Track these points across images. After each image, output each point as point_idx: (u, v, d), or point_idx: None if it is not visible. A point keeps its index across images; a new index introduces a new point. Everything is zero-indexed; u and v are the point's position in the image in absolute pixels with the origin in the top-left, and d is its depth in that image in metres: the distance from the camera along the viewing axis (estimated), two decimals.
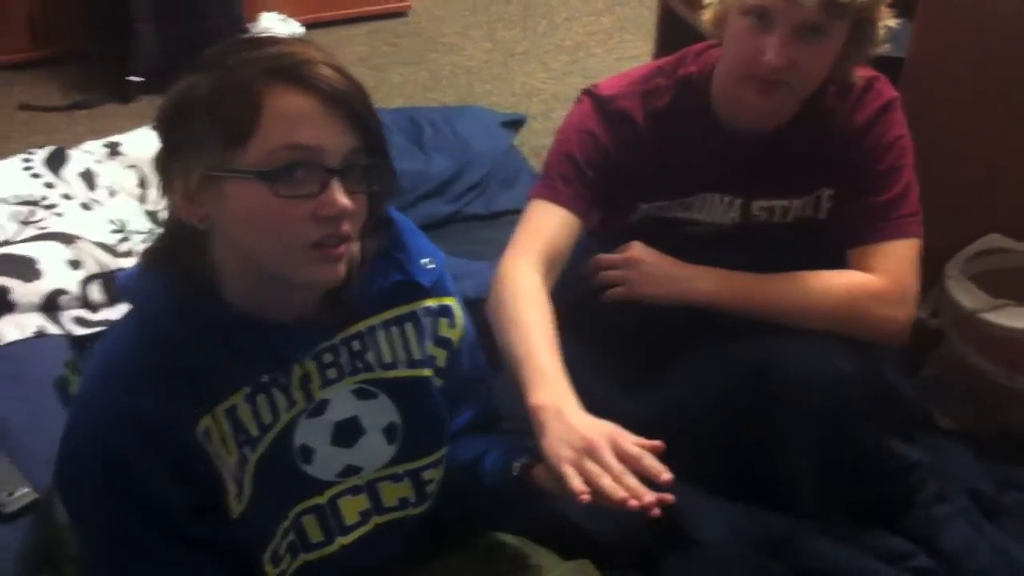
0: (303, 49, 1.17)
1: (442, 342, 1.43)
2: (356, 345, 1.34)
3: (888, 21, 1.63)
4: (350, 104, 1.16)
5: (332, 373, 1.33)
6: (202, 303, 1.21)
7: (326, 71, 1.15)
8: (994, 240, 2.21)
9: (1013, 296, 2.11)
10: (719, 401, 1.69)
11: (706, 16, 1.69)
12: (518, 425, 1.49)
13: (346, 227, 1.18)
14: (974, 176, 2.15)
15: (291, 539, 1.34)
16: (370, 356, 1.36)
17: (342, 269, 1.21)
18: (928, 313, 2.17)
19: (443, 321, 1.43)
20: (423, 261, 1.38)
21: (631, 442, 1.30)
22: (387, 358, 1.37)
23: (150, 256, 1.26)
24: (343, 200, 1.16)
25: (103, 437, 1.20)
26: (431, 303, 1.41)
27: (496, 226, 2.49)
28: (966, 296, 2.11)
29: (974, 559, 1.74)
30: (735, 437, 1.70)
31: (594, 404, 1.39)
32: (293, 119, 1.14)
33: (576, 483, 1.26)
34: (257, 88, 1.13)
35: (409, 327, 1.39)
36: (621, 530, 1.66)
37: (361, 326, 1.34)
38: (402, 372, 1.38)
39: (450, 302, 1.43)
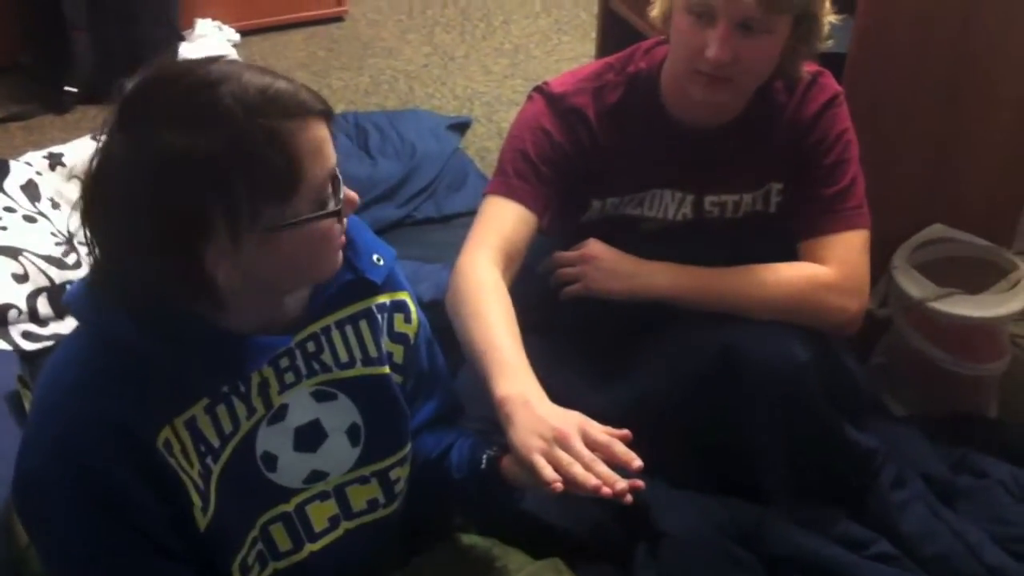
0: (271, 77, 1.15)
1: (398, 337, 1.43)
2: (311, 347, 1.33)
3: (830, 17, 1.66)
4: (327, 107, 1.19)
5: (289, 377, 1.32)
6: (158, 318, 1.18)
7: (303, 91, 1.17)
8: (938, 230, 2.26)
9: (958, 284, 2.15)
10: (686, 388, 1.71)
11: (653, 13, 1.71)
12: (483, 425, 1.50)
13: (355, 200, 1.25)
14: (917, 168, 2.19)
15: (259, 548, 1.32)
16: (326, 356, 1.35)
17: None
18: (876, 303, 2.21)
19: (398, 316, 1.43)
20: (373, 258, 1.37)
21: (600, 431, 1.31)
22: (343, 357, 1.36)
23: (99, 277, 1.22)
24: (352, 195, 1.23)
25: (72, 445, 1.17)
26: (384, 299, 1.41)
27: (448, 228, 2.49)
28: (913, 285, 2.14)
29: (933, 543, 1.77)
30: (703, 424, 1.72)
31: (563, 402, 1.39)
32: (318, 150, 1.16)
33: (547, 473, 1.27)
34: (284, 139, 1.12)
35: (364, 324, 1.38)
36: (590, 524, 1.67)
37: (315, 327, 1.33)
38: (360, 371, 1.38)
39: (404, 297, 1.43)
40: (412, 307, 1.44)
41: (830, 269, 1.71)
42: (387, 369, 1.40)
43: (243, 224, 1.13)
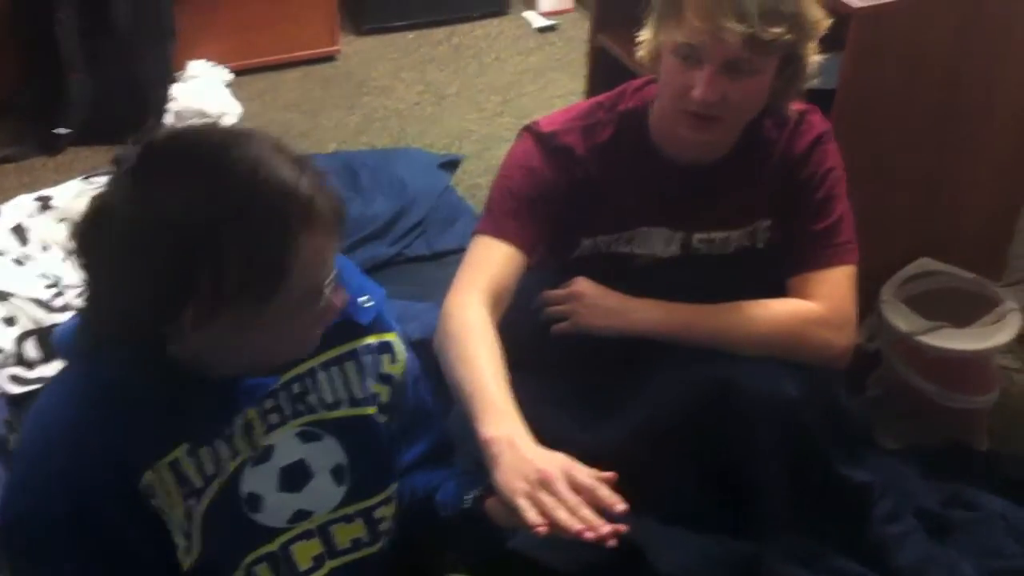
0: (298, 172, 1.14)
1: (384, 378, 1.42)
2: (297, 388, 1.33)
3: (816, 56, 1.67)
4: (342, 220, 1.19)
5: (274, 418, 1.32)
6: (148, 363, 1.19)
7: (322, 197, 1.15)
8: (926, 264, 2.27)
9: (946, 317, 2.16)
10: (678, 426, 1.70)
11: (641, 53, 1.72)
12: (473, 465, 1.49)
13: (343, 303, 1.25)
14: (905, 202, 2.21)
15: None
16: (312, 398, 1.35)
17: None
18: (866, 337, 2.22)
19: (384, 358, 1.42)
20: (361, 299, 1.38)
21: (585, 473, 1.32)
22: (329, 399, 1.36)
23: (89, 318, 1.22)
24: (340, 301, 1.23)
25: (67, 485, 1.18)
26: (372, 340, 1.40)
27: (439, 266, 2.49)
28: (901, 319, 2.16)
29: None
30: (696, 461, 1.72)
31: (555, 441, 1.39)
32: (314, 262, 1.16)
33: (532, 515, 1.27)
34: (283, 243, 1.12)
35: (350, 366, 1.38)
36: (583, 565, 1.66)
37: (301, 368, 1.33)
38: (345, 411, 1.38)
39: (391, 338, 1.43)
40: (399, 348, 1.44)
41: (818, 305, 1.72)
42: (373, 410, 1.40)
43: (223, 303, 1.13)
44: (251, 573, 1.32)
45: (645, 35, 1.70)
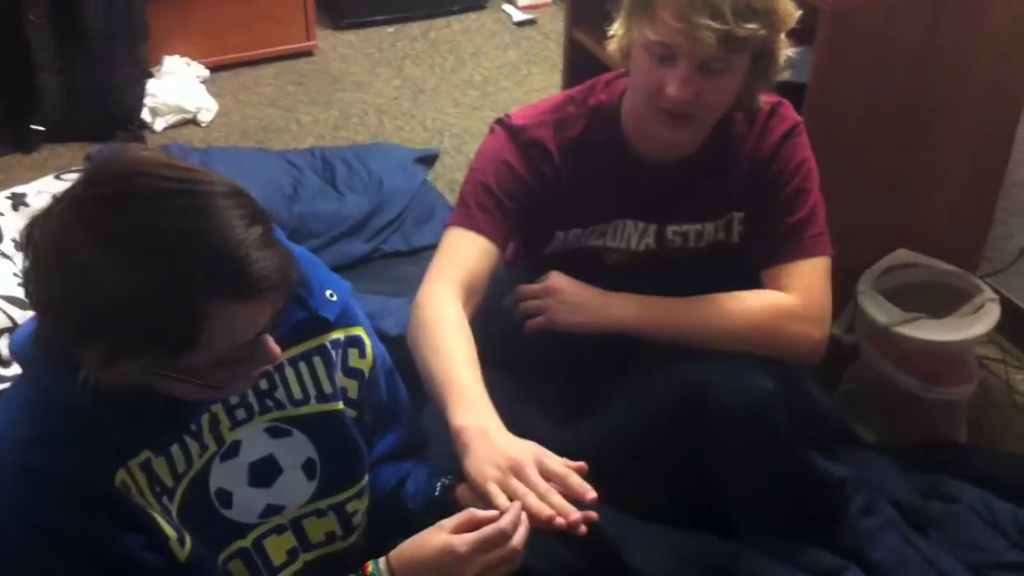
0: (245, 235, 1.09)
1: (353, 373, 1.42)
2: (264, 384, 1.33)
3: (787, 50, 1.67)
4: (285, 279, 1.15)
5: (241, 414, 1.32)
6: (88, 376, 1.16)
7: (262, 262, 1.10)
8: (902, 255, 2.27)
9: (923, 308, 2.15)
10: (653, 424, 1.70)
11: (611, 47, 1.71)
12: (447, 461, 1.48)
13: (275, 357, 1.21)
14: (880, 194, 2.20)
15: None
16: (279, 394, 1.35)
17: None
18: (843, 329, 2.21)
19: (352, 352, 1.42)
20: (327, 294, 1.37)
21: (556, 462, 1.32)
22: (297, 394, 1.36)
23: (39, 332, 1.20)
24: (273, 352, 1.19)
25: (29, 506, 1.16)
26: (339, 335, 1.40)
27: (416, 262, 2.47)
28: (879, 311, 2.15)
29: (904, 571, 1.75)
30: (672, 459, 1.71)
31: (527, 438, 1.39)
32: (237, 329, 1.13)
33: (501, 501, 1.27)
34: (200, 311, 1.09)
35: (317, 361, 1.38)
36: (557, 562, 1.65)
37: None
38: (314, 408, 1.38)
39: (358, 332, 1.43)
40: (367, 342, 1.44)
41: (792, 297, 1.71)
42: (341, 405, 1.40)
43: (125, 355, 1.11)
44: (225, 569, 1.33)
45: (616, 29, 1.69)
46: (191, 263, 1.07)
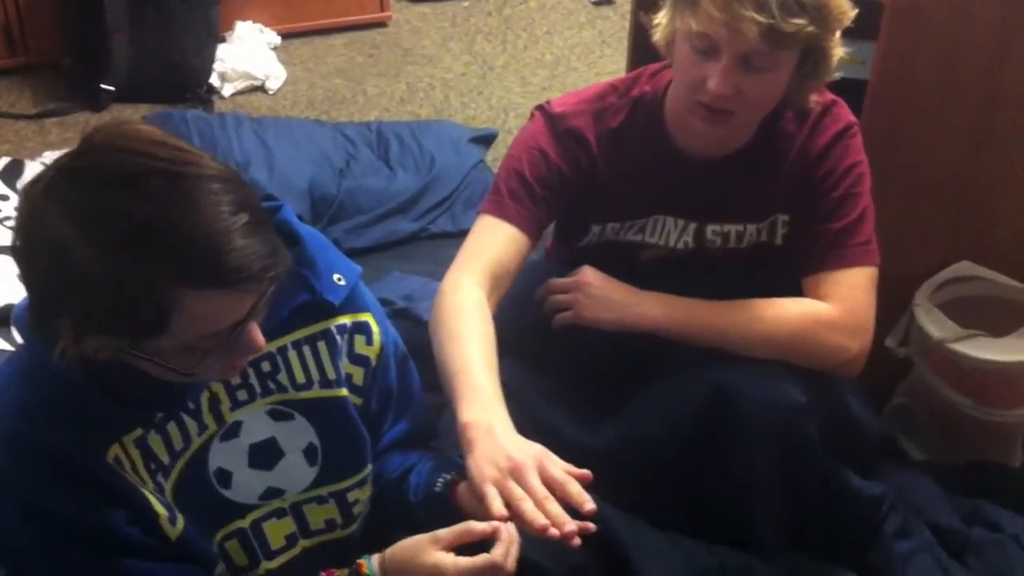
0: (230, 224, 1.05)
1: (358, 359, 1.40)
2: (266, 366, 1.32)
3: (839, 50, 1.59)
4: (267, 269, 1.10)
5: (242, 395, 1.31)
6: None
7: (243, 251, 1.06)
8: (965, 268, 2.16)
9: (983, 325, 2.05)
10: (677, 430, 1.64)
11: (656, 37, 1.65)
12: (453, 448, 1.46)
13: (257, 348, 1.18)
14: (942, 202, 2.10)
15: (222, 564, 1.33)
16: (282, 377, 1.33)
17: None
18: (896, 342, 2.12)
19: (359, 338, 1.40)
20: (334, 278, 1.34)
21: (558, 467, 1.28)
22: (300, 378, 1.35)
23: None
24: (256, 343, 1.17)
25: (14, 482, 1.16)
26: (345, 320, 1.38)
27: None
28: (934, 325, 2.06)
29: None
30: (694, 468, 1.66)
31: (546, 433, 1.37)
32: (210, 317, 1.10)
33: (496, 505, 1.24)
34: (167, 296, 1.06)
35: (322, 345, 1.36)
36: (568, 566, 1.61)
37: (271, 346, 1.31)
38: (317, 392, 1.36)
39: (366, 318, 1.40)
40: (375, 328, 1.41)
41: (831, 307, 1.64)
42: (345, 392, 1.38)
43: (90, 332, 1.08)
44: (222, 548, 1.32)
45: (661, 18, 1.63)
46: (157, 247, 1.04)
